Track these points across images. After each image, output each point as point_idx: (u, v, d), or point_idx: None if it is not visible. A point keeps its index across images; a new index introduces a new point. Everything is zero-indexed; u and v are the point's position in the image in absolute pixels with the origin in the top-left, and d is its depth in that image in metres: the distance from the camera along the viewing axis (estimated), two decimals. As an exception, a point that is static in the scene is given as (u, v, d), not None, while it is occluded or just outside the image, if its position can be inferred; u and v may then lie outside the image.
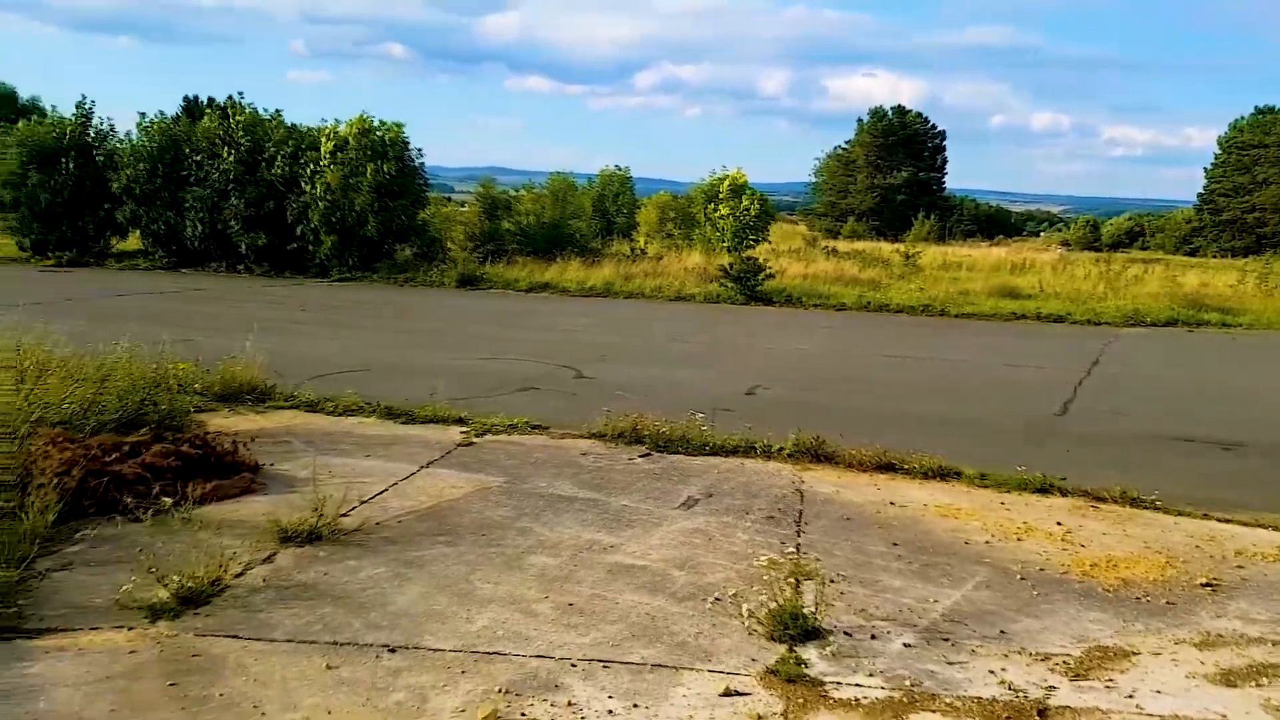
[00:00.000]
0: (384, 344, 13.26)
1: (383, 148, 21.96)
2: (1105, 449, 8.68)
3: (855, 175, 74.23)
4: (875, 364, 13.45)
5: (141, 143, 23.02)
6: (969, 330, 17.38)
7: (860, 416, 9.51)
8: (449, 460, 7.26)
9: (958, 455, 7.62)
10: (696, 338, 15.43)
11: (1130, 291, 21.46)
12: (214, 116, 23.17)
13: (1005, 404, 10.76)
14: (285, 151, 22.10)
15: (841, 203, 74.44)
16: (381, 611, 4.56)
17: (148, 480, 6.00)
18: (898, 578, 5.28)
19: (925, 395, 11.17)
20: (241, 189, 22.00)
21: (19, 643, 4.11)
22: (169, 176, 22.60)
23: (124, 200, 22.88)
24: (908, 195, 70.87)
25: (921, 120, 75.90)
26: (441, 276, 21.47)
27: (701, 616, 4.65)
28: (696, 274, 21.95)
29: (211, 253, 22.83)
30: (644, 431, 7.96)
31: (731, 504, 6.46)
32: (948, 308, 19.37)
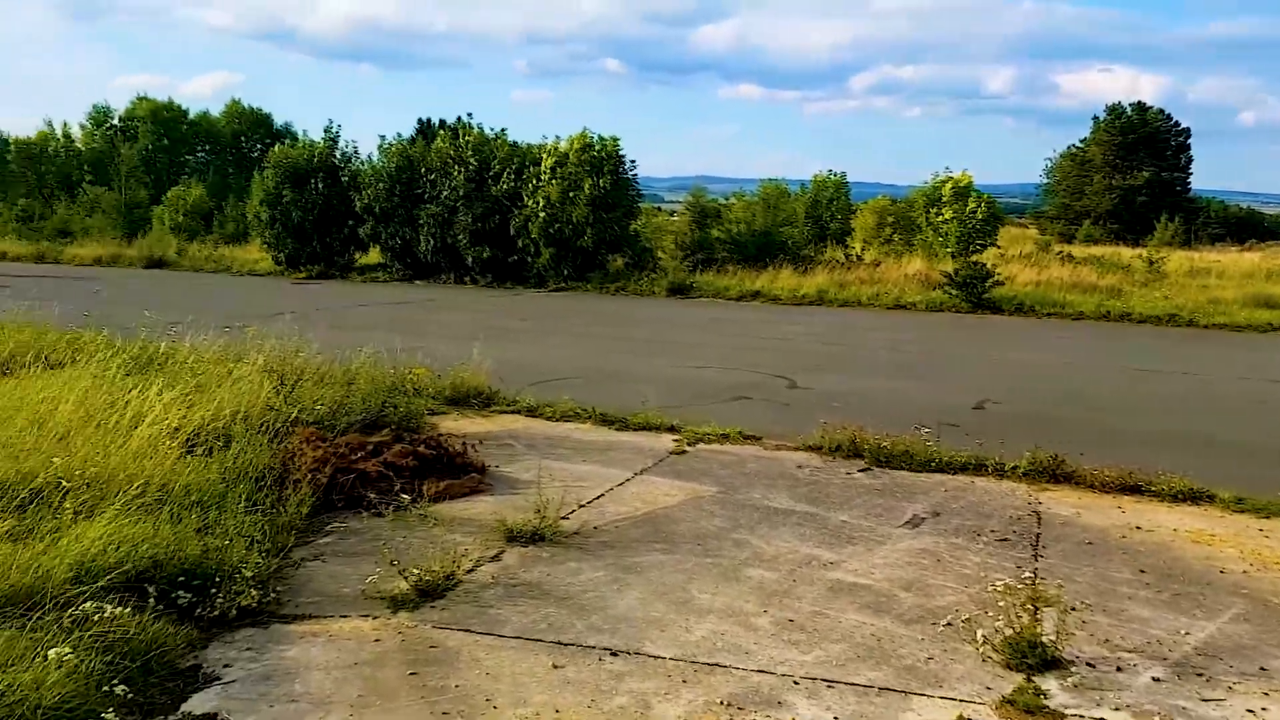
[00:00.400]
0: (597, 351, 13.59)
1: (600, 162, 22.57)
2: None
3: (1091, 176, 69.62)
4: (1117, 377, 12.53)
5: (381, 164, 24.73)
6: (1220, 342, 15.92)
7: (1101, 434, 8.87)
8: (662, 468, 7.32)
9: (1210, 477, 6.98)
10: (918, 347, 14.90)
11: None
12: (445, 137, 24.56)
13: (1263, 423, 9.77)
14: (510, 168, 23.14)
15: (1076, 205, 69.98)
16: (603, 615, 4.63)
17: (389, 478, 6.38)
18: (1145, 607, 4.87)
19: (1173, 412, 10.31)
20: (469, 205, 23.19)
21: (277, 627, 4.45)
22: (405, 195, 24.14)
23: (365, 217, 24.63)
24: (1149, 197, 65.79)
25: (1164, 117, 70.39)
26: (652, 285, 21.81)
27: (931, 640, 4.45)
28: (917, 281, 21.22)
29: (441, 265, 24.18)
30: (863, 445, 7.74)
31: (961, 524, 6.16)
32: (1196, 317, 17.82)
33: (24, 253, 29.57)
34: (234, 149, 51.80)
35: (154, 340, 8.78)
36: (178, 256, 28.12)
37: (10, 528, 4.38)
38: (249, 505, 5.45)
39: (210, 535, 4.88)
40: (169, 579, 4.44)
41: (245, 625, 4.42)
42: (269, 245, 26.30)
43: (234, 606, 4.43)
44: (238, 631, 4.37)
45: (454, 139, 24.29)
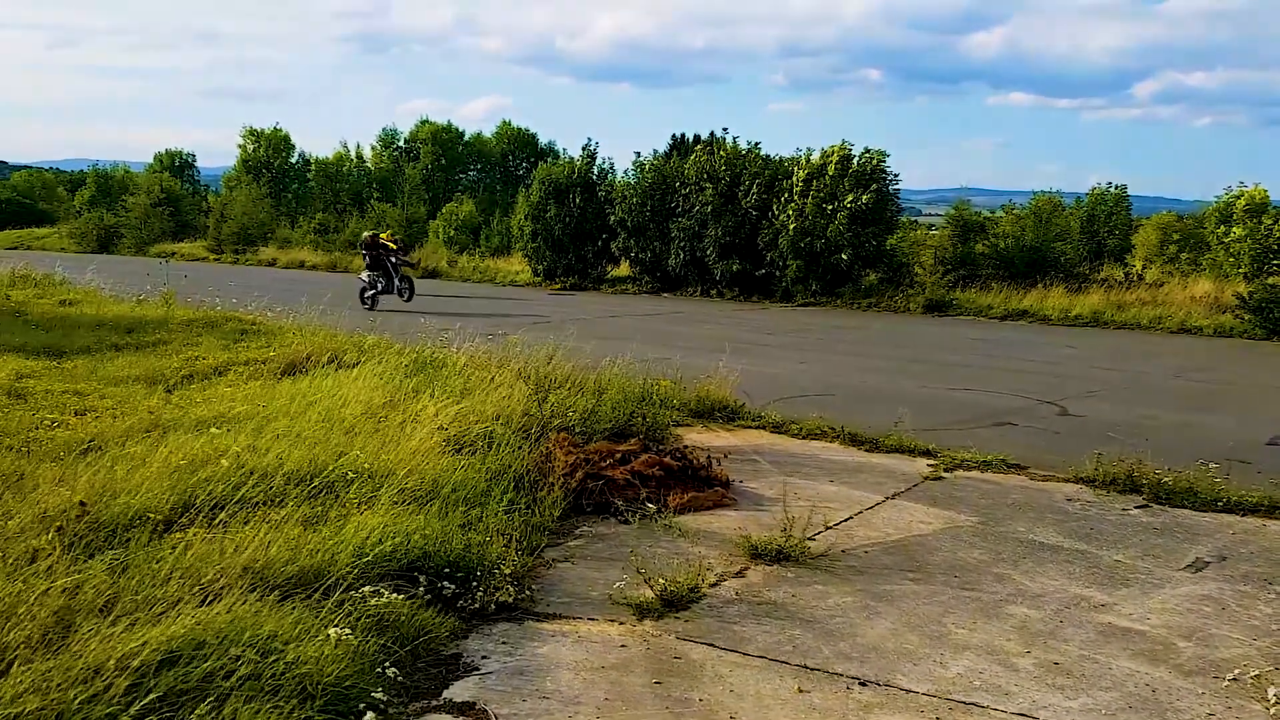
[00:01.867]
0: (846, 369, 13.30)
1: (863, 176, 22.12)
2: None
3: None
4: None
5: (635, 179, 25.48)
6: None
7: None
8: (915, 493, 7.03)
9: None
10: (1205, 376, 13.55)
11: None
12: (699, 152, 24.97)
13: None
14: (760, 182, 23.18)
15: (1396, 220, 61.63)
16: (851, 642, 4.49)
17: (635, 486, 6.50)
18: None
19: None
20: (719, 219, 23.43)
21: (530, 624, 4.63)
22: (657, 209, 24.74)
23: (618, 231, 25.46)
24: None
25: None
26: (907, 302, 21.13)
27: (1213, 696, 3.99)
28: (1205, 304, 19.35)
29: (689, 278, 24.58)
30: (1141, 479, 7.10)
31: (1251, 570, 5.52)
32: None
33: (319, 262, 32.79)
34: (502, 167, 55.18)
35: (429, 345, 9.45)
36: (449, 267, 30.22)
37: (304, 515, 4.82)
38: (508, 505, 5.73)
39: (473, 531, 5.16)
40: (435, 570, 4.72)
41: (501, 620, 4.62)
42: (529, 258, 27.73)
43: (492, 601, 4.65)
44: (495, 625, 4.58)
45: (708, 153, 24.64)
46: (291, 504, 4.92)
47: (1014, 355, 14.93)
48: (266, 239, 37.68)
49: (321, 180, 51.55)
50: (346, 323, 11.06)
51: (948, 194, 31.61)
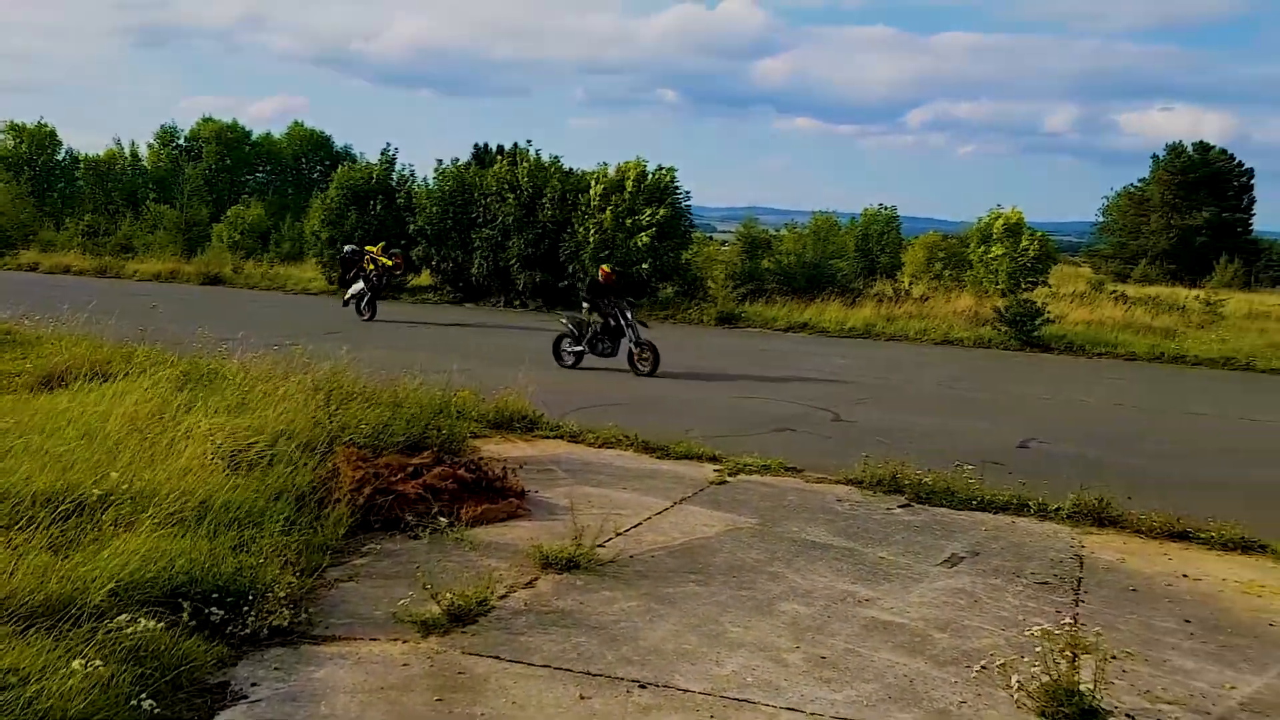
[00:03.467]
0: (643, 379, 13.58)
1: (658, 192, 22.71)
2: None
3: (1149, 215, 68.47)
4: (1169, 421, 12.26)
5: (436, 187, 25.10)
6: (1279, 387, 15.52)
7: (1149, 477, 8.66)
8: (702, 497, 7.28)
9: (1264, 527, 6.78)
10: (964, 384, 14.70)
11: None
12: (502, 163, 24.88)
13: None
14: (556, 194, 23.39)
15: (1132, 244, 68.83)
16: (633, 646, 4.61)
17: (427, 500, 6.42)
18: (1189, 658, 4.73)
19: (1225, 458, 10.05)
20: (521, 230, 23.42)
21: (307, 647, 4.48)
22: (459, 218, 24.45)
23: (419, 240, 24.98)
24: (1208, 237, 64.50)
25: (1226, 157, 69.14)
26: (701, 314, 21.82)
27: (965, 684, 4.36)
28: (966, 317, 20.99)
29: (492, 288, 24.42)
30: (904, 480, 7.64)
31: (1001, 565, 6.05)
32: (1255, 361, 17.38)
33: (87, 266, 30.35)
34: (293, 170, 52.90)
35: (205, 356, 8.96)
36: (234, 274, 28.71)
37: (52, 538, 4.48)
38: (287, 524, 5.51)
39: (246, 553, 4.94)
40: (203, 595, 4.50)
41: (275, 644, 4.46)
42: (324, 264, 26.75)
43: (265, 625, 4.47)
44: (268, 650, 4.41)
45: (510, 164, 24.60)
46: (40, 527, 4.55)
47: (796, 365, 15.68)
48: (28, 241, 34.57)
49: (92, 179, 47.82)
50: (114, 332, 10.30)
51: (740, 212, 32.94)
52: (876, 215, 30.08)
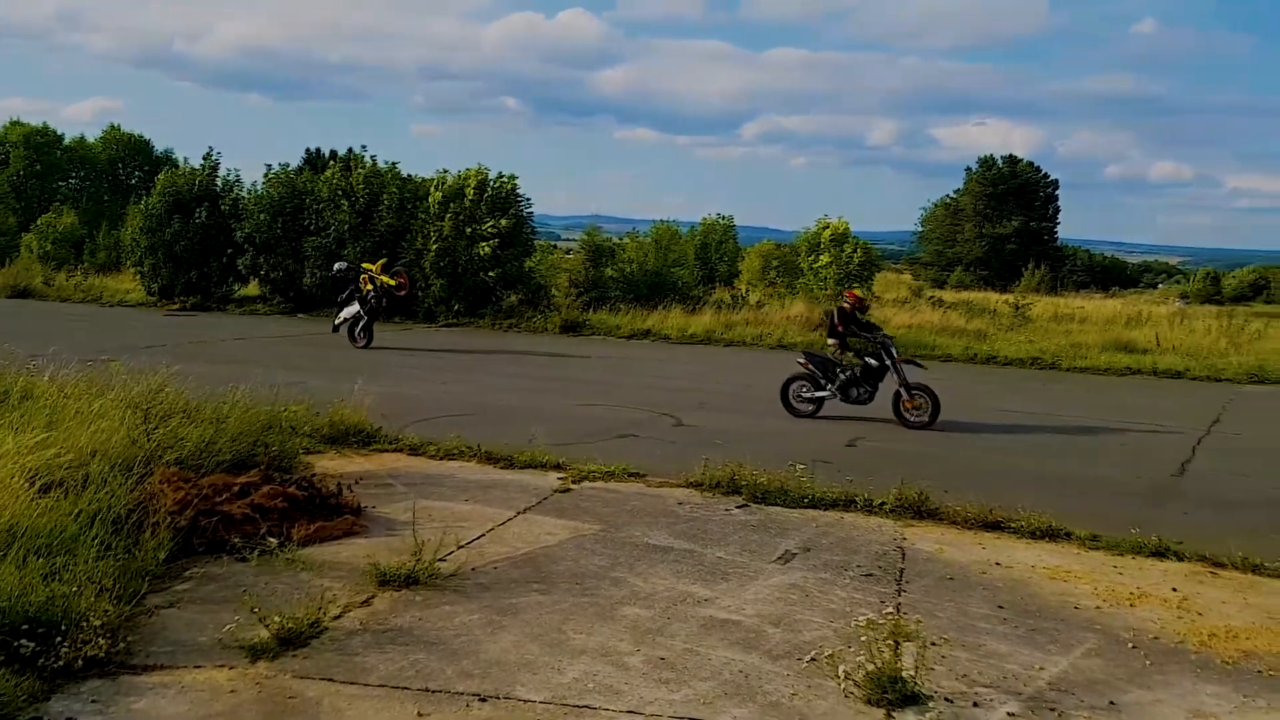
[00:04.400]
0: (487, 388, 13.48)
1: (500, 200, 22.58)
2: (1225, 512, 8.22)
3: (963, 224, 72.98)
4: (982, 418, 13.04)
5: (265, 193, 24.15)
6: (1081, 384, 16.76)
7: (966, 471, 9.22)
8: (546, 506, 7.29)
9: (1068, 515, 7.30)
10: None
11: (1254, 347, 20.41)
12: (335, 169, 24.19)
13: (1118, 463, 10.29)
14: (394, 201, 22.94)
15: (949, 252, 73.21)
16: (474, 659, 4.57)
17: (255, 521, 6.18)
18: (1002, 642, 5.06)
19: (1034, 451, 10.78)
20: (358, 238, 22.83)
21: (126, 678, 4.25)
22: (289, 226, 23.62)
23: (246, 248, 23.98)
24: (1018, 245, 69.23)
25: (1033, 169, 74.37)
26: (545, 322, 21.83)
27: (796, 676, 4.53)
28: (798, 322, 21.77)
29: (326, 298, 23.70)
30: (742, 481, 7.87)
31: (830, 559, 6.31)
32: (1059, 361, 18.72)
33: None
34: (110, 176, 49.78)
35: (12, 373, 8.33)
36: (45, 286, 26.83)
37: None
38: (102, 549, 5.20)
39: (58, 581, 4.64)
40: (11, 627, 4.21)
41: (92, 676, 4.20)
42: (143, 275, 25.33)
43: (80, 656, 4.21)
44: (84, 683, 4.15)
45: (345, 171, 23.94)
46: None
47: (638, 372, 15.90)
48: None
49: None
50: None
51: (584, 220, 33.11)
52: (715, 224, 30.82)
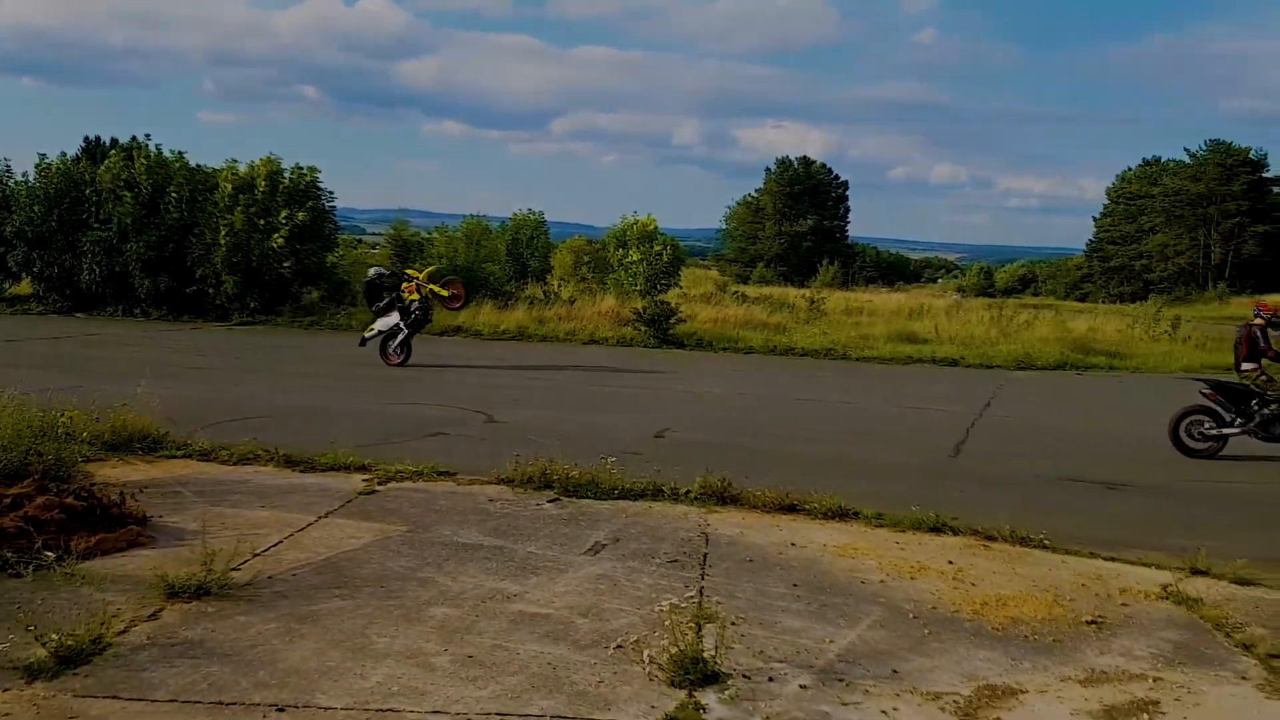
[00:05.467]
0: (286, 389, 12.98)
1: (298, 193, 21.71)
2: (996, 489, 8.97)
3: (764, 222, 76.06)
4: (781, 407, 13.67)
5: (38, 185, 22.29)
6: (869, 373, 17.81)
7: (767, 458, 9.64)
8: (349, 509, 7.11)
9: (858, 496, 7.75)
10: (610, 381, 15.46)
11: (1021, 336, 22.30)
12: (116, 159, 22.58)
13: (902, 445, 11.03)
14: (183, 193, 21.67)
15: (751, 249, 76.11)
16: (271, 669, 4.42)
17: (30, 534, 5.74)
18: (797, 619, 5.34)
19: (828, 437, 11.39)
20: (141, 231, 21.42)
21: (-123, 711, 3.88)
22: (66, 219, 21.90)
23: (16, 243, 22.07)
24: (813, 242, 72.81)
25: (826, 170, 78.36)
26: (349, 320, 21.16)
27: (603, 664, 4.63)
28: (610, 318, 22.07)
29: (108, 296, 22.13)
30: (553, 476, 7.92)
31: (638, 548, 6.46)
32: (850, 352, 19.83)
33: None
34: None
35: None
36: None
37: None
38: None
39: None
40: None
41: None
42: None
43: None
44: None
45: (127, 160, 22.38)
46: None
47: (448, 369, 15.69)
48: None
49: None
50: None
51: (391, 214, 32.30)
52: (526, 219, 30.72)
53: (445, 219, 29.99)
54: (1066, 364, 19.65)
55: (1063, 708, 4.40)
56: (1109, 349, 21.39)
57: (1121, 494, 9.07)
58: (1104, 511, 8.41)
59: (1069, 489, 9.23)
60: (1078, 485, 9.37)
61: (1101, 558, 6.73)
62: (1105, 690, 4.60)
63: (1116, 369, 19.60)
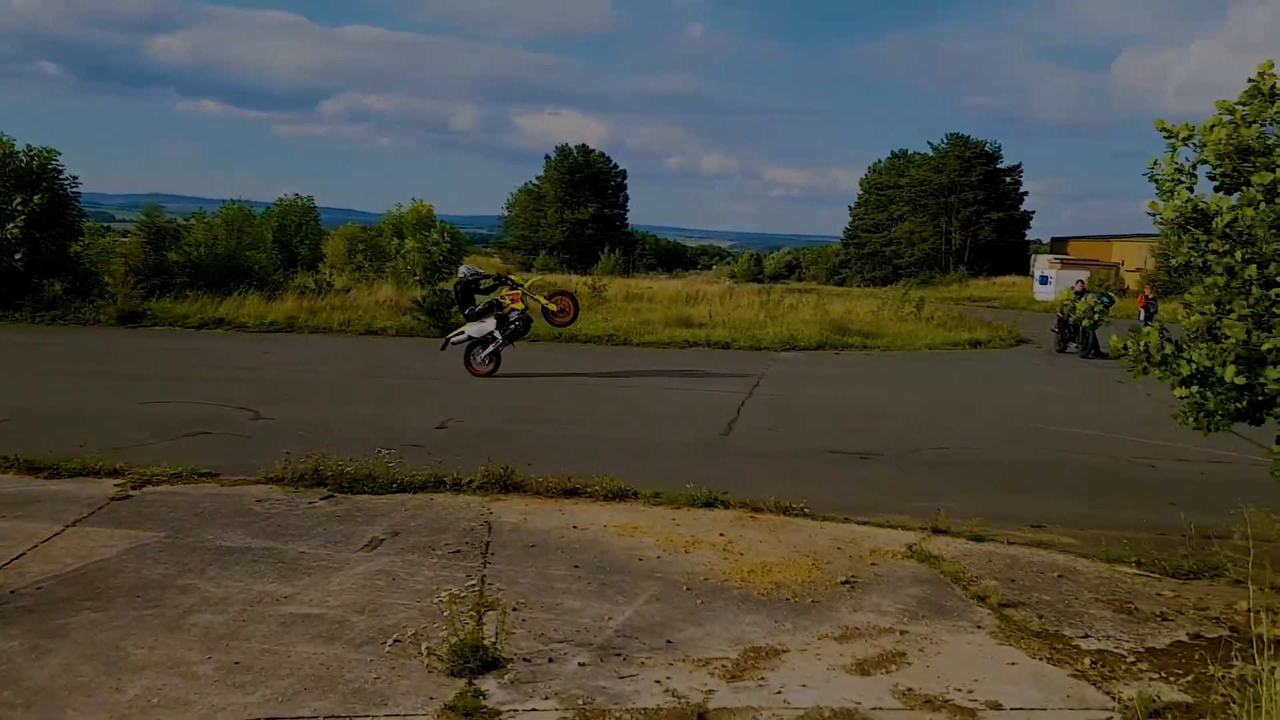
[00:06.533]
0: (26, 390, 11.88)
1: (31, 176, 19.81)
2: (764, 463, 9.49)
3: (545, 210, 76.19)
4: (565, 392, 13.81)
5: None
6: (649, 357, 18.30)
7: (551, 444, 9.74)
8: (101, 516, 6.62)
9: (637, 476, 7.99)
10: (390, 372, 15.10)
11: (787, 319, 23.60)
12: None
13: (679, 426, 11.44)
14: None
15: (534, 236, 76.09)
16: (15, 689, 4.08)
17: None
18: (577, 599, 5.46)
19: (610, 421, 11.64)
20: None
21: None
22: None
23: None
24: (595, 230, 73.70)
25: (605, 159, 79.35)
26: (97, 313, 19.62)
27: (380, 660, 4.57)
28: (388, 307, 21.55)
29: None
30: (327, 472, 7.68)
31: (418, 541, 6.39)
32: (630, 337, 20.31)
33: None
34: None
35: None
36: None
37: None
38: None
39: None
40: None
41: None
42: None
43: None
44: None
45: None
46: None
47: (210, 364, 14.86)
48: None
49: None
50: None
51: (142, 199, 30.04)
52: (293, 205, 29.39)
53: (205, 204, 28.27)
54: (826, 344, 20.95)
55: (820, 664, 4.74)
56: (863, 329, 22.98)
57: (874, 463, 9.80)
58: (858, 479, 9.07)
59: (828, 460, 9.88)
60: (836, 456, 10.05)
61: (855, 522, 7.27)
62: (858, 645, 4.99)
63: (869, 347, 21.09)
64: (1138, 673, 4.76)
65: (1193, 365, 5.49)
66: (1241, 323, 5.38)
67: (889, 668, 4.74)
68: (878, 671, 4.68)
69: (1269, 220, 5.29)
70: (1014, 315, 33.32)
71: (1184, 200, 5.71)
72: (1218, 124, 5.73)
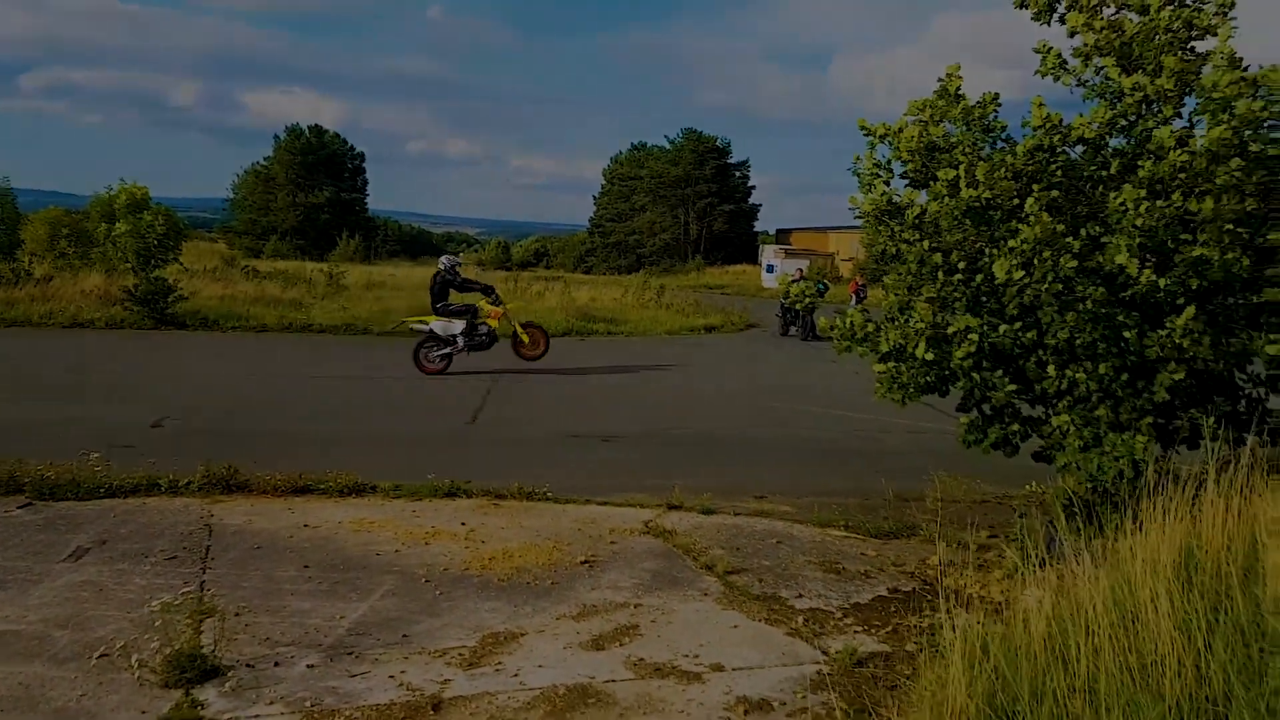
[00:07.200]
0: None
1: None
2: (510, 449, 9.54)
3: (276, 193, 72.07)
4: (297, 386, 13.23)
5: None
6: (393, 347, 17.84)
7: (280, 441, 9.31)
8: None
9: (377, 469, 7.80)
10: (95, 368, 13.84)
11: (534, 307, 23.74)
12: None
13: (424, 416, 11.27)
14: None
15: (263, 220, 71.82)
16: None
17: None
18: (307, 600, 5.28)
19: (348, 413, 11.27)
20: None
21: None
22: None
23: None
24: (331, 215, 70.59)
25: (340, 141, 76.12)
26: None
27: (86, 676, 4.22)
28: (96, 297, 19.74)
29: None
30: (24, 478, 7.00)
31: (129, 548, 5.93)
32: (371, 326, 19.71)
33: None
34: None
35: None
36: None
37: None
38: None
39: None
40: None
41: None
42: None
43: None
44: None
45: None
46: None
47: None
48: None
49: None
50: None
51: None
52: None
53: None
54: (573, 330, 21.28)
55: (557, 643, 4.84)
56: (607, 316, 23.55)
57: (614, 445, 10.09)
58: (600, 461, 9.31)
59: (571, 444, 10.07)
60: (578, 440, 10.26)
61: (595, 503, 7.45)
62: (594, 622, 5.14)
63: (614, 333, 21.64)
64: (844, 627, 5.21)
65: (890, 342, 6.04)
66: (929, 305, 5.97)
67: (622, 640, 4.91)
68: (612, 645, 4.84)
69: (951, 213, 5.89)
70: (744, 302, 35.22)
71: (880, 194, 6.25)
72: (909, 123, 6.31)
